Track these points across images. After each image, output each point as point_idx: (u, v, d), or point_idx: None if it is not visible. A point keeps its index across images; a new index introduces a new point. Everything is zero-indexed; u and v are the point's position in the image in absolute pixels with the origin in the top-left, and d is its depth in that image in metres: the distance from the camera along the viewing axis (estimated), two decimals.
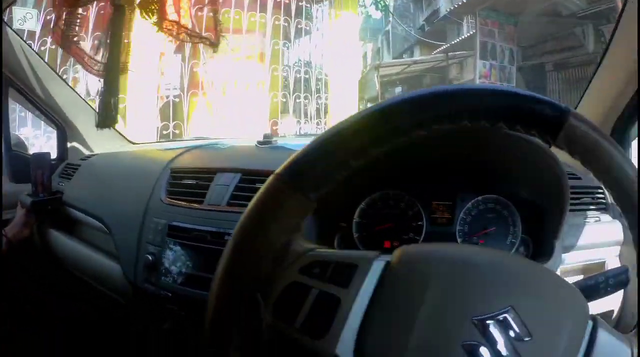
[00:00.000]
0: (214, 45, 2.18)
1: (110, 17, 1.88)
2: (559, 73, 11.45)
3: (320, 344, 0.60)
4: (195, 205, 1.37)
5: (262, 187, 0.64)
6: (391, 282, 0.63)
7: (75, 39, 2.07)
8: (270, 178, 0.64)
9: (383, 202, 1.24)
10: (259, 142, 1.66)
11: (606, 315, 1.25)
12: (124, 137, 2.45)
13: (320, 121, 7.87)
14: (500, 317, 0.58)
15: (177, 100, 6.53)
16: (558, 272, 1.11)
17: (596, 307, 1.19)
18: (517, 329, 0.57)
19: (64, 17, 2.01)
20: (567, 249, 1.22)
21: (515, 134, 0.88)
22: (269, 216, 0.63)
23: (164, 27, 1.96)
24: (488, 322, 0.58)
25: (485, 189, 1.23)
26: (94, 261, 1.66)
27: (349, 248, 1.19)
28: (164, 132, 6.36)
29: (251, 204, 0.64)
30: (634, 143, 1.59)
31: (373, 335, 0.60)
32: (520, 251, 1.21)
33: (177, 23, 1.97)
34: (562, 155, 1.03)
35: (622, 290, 1.09)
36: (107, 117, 1.90)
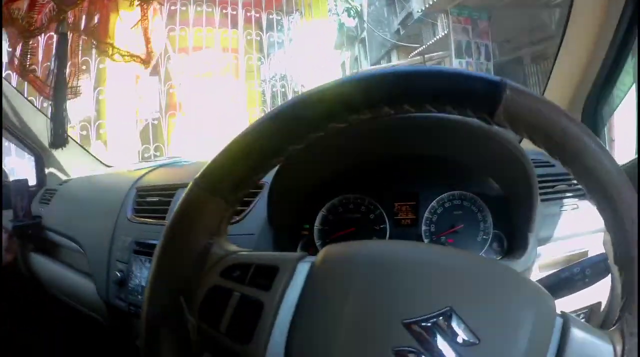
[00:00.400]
0: (145, 62, 2.32)
1: (55, 45, 2.03)
2: (538, 65, 11.56)
3: (249, 349, 0.58)
4: (160, 221, 1.38)
5: (183, 194, 0.64)
6: (315, 284, 0.59)
7: (31, 67, 2.24)
8: (190, 184, 0.64)
9: (344, 207, 1.18)
10: None
11: (594, 308, 1.17)
12: (99, 160, 2.47)
13: None
14: (437, 319, 0.53)
15: (155, 122, 6.59)
16: (536, 267, 1.06)
17: (581, 300, 1.13)
18: (460, 333, 0.53)
19: (19, 48, 2.18)
20: (544, 241, 1.15)
21: (472, 126, 0.90)
22: (188, 220, 0.63)
23: (102, 49, 2.17)
24: (423, 324, 0.53)
25: (450, 186, 1.17)
26: (71, 281, 1.70)
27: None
28: (145, 155, 6.44)
29: (174, 210, 0.64)
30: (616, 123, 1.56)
31: (300, 340, 0.57)
32: (493, 247, 1.14)
33: (112, 45, 2.15)
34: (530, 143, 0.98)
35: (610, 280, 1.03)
36: (57, 137, 2.04)
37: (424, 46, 15.07)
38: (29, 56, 2.20)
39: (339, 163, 1.12)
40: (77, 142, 2.45)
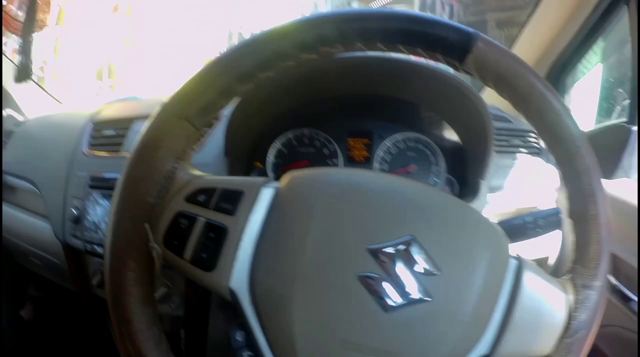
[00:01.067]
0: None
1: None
2: (502, 30, 11.63)
3: (213, 276, 0.58)
4: (115, 154, 1.35)
5: (150, 117, 0.63)
6: (279, 209, 0.60)
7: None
8: (158, 108, 0.63)
9: (298, 141, 1.21)
10: None
11: (541, 262, 1.24)
12: (54, 97, 2.34)
13: None
14: (400, 247, 0.55)
15: (111, 60, 6.47)
16: (485, 214, 1.10)
17: (529, 253, 1.20)
18: (421, 262, 0.55)
19: None
20: (494, 189, 1.20)
21: (436, 71, 0.93)
22: (152, 144, 0.62)
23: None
24: (386, 251, 0.55)
25: (406, 128, 1.21)
26: (28, 224, 1.60)
27: None
28: (98, 93, 6.32)
29: (141, 133, 0.63)
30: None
31: (265, 267, 0.57)
32: (445, 191, 1.17)
33: None
34: (491, 98, 1.00)
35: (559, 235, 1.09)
36: (23, 71, 1.97)
37: (387, 1, 14.98)
38: None
39: (296, 99, 1.13)
40: (34, 82, 2.31)
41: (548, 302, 0.60)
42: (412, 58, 0.65)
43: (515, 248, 0.65)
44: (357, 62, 0.68)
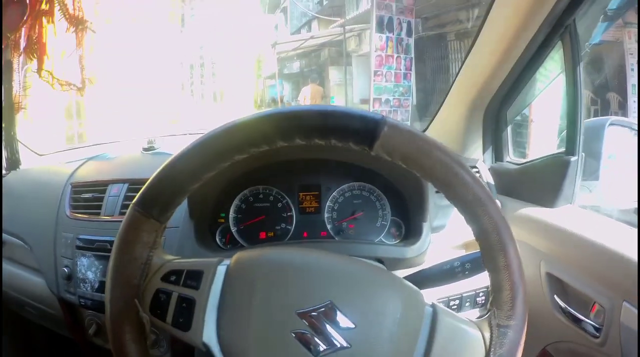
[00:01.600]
0: (80, 90, 2.34)
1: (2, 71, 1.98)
2: (461, 42, 11.73)
3: (190, 335, 0.73)
4: (95, 217, 1.49)
5: (125, 217, 0.77)
6: (230, 284, 0.75)
7: None
8: (129, 208, 0.76)
9: (255, 198, 1.35)
10: (144, 149, 1.78)
11: (464, 296, 1.36)
12: (32, 150, 2.37)
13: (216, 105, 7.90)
14: (321, 309, 0.70)
15: (79, 98, 6.37)
16: (432, 251, 1.23)
17: (455, 288, 1.31)
18: (340, 320, 0.70)
19: None
20: (437, 229, 1.34)
21: None
22: (130, 239, 0.75)
23: (42, 75, 2.07)
24: (312, 314, 0.70)
25: (352, 178, 1.36)
26: (22, 277, 1.71)
27: (230, 242, 1.33)
28: (69, 133, 6.23)
29: (119, 231, 0.76)
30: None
31: (226, 327, 0.73)
32: (391, 232, 1.34)
33: (51, 73, 2.08)
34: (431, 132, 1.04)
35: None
36: (13, 160, 1.91)
37: (344, 19, 15.06)
38: None
39: (248, 165, 1.26)
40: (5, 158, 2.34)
41: (465, 341, 0.71)
42: None
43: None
44: None
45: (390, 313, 0.71)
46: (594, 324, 1.11)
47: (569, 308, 1.19)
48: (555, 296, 1.24)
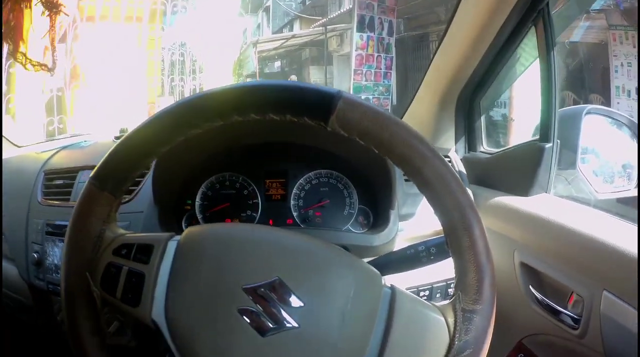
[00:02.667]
0: (50, 70, 2.58)
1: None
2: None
3: (138, 310, 0.72)
4: (65, 203, 1.50)
5: (82, 190, 0.77)
6: (180, 258, 0.73)
7: None
8: (86, 182, 0.76)
9: (221, 184, 1.34)
10: (115, 137, 1.77)
11: (435, 286, 1.34)
12: (11, 142, 2.40)
13: None
14: (269, 286, 0.68)
15: (60, 93, 6.35)
16: (400, 240, 1.22)
17: (426, 277, 1.30)
18: (286, 297, 0.67)
19: None
20: (406, 217, 1.31)
21: None
22: (85, 212, 0.76)
23: (17, 57, 2.36)
24: (260, 290, 0.67)
25: (319, 165, 1.34)
26: None
27: None
28: (50, 128, 6.22)
29: (76, 203, 0.77)
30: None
31: (174, 303, 0.71)
32: (359, 220, 1.32)
33: (24, 54, 2.32)
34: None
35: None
36: None
37: (327, 18, 15.10)
38: None
39: (213, 148, 1.26)
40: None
41: (426, 325, 0.67)
42: None
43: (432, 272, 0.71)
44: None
45: (342, 292, 0.68)
46: (572, 314, 1.08)
47: (545, 299, 1.16)
48: (530, 287, 1.20)
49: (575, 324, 1.07)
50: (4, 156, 2.12)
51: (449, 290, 1.32)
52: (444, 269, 0.91)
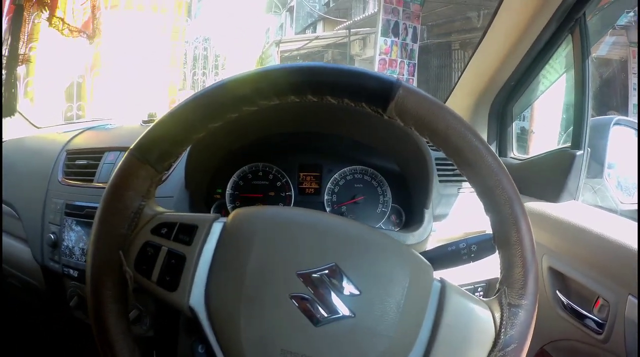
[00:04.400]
0: (90, 38, 2.52)
1: (11, 16, 2.03)
2: (465, 51, 11.78)
3: (175, 296, 0.68)
4: (88, 183, 1.45)
5: (120, 161, 0.73)
6: (226, 241, 0.70)
7: None
8: (126, 153, 0.73)
9: (254, 174, 1.32)
10: (144, 121, 1.73)
11: (491, 282, 1.33)
12: (30, 122, 2.37)
13: None
14: (325, 272, 0.65)
15: (80, 80, 6.37)
16: (434, 240, 1.18)
17: (481, 274, 1.29)
18: (345, 285, 0.65)
19: None
20: (440, 218, 1.30)
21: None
22: (123, 184, 0.72)
23: (53, 22, 2.16)
24: (314, 276, 0.65)
25: (353, 161, 1.32)
26: (6, 246, 1.70)
27: None
28: (68, 114, 6.23)
29: (111, 175, 0.73)
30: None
31: (216, 288, 0.68)
32: (392, 219, 1.30)
33: (62, 19, 2.17)
34: None
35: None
36: (9, 106, 2.03)
37: (351, 21, 15.08)
38: None
39: (250, 136, 1.24)
40: (20, 113, 2.34)
41: (474, 320, 0.66)
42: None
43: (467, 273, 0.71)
44: (299, 104, 0.72)
45: (398, 282, 0.66)
46: (597, 319, 1.09)
47: (571, 304, 1.17)
48: (557, 292, 1.22)
49: (599, 329, 1.08)
50: (21, 135, 2.13)
51: (476, 294, 1.32)
52: (471, 272, 0.92)
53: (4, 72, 2.03)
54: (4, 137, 2.15)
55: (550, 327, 1.24)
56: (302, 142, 1.31)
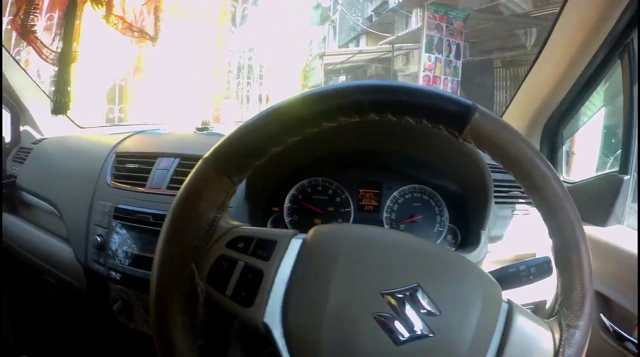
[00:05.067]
0: (153, 39, 2.39)
1: (65, 10, 1.99)
2: (507, 70, 11.67)
3: (250, 312, 0.67)
4: (138, 188, 1.43)
5: (192, 170, 0.72)
6: (306, 258, 0.69)
7: (33, 28, 2.13)
8: (199, 162, 0.72)
9: (313, 189, 1.30)
10: (197, 129, 1.74)
11: (540, 304, 1.32)
12: (73, 121, 2.40)
13: (261, 108, 7.94)
14: (407, 292, 0.65)
15: (122, 83, 6.45)
16: (487, 261, 1.18)
17: (530, 296, 1.28)
18: (425, 305, 0.65)
19: (24, 7, 2.07)
20: (494, 239, 1.29)
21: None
22: (197, 195, 0.71)
23: (110, 20, 2.10)
24: (397, 296, 0.65)
25: (412, 179, 1.29)
26: (46, 243, 1.69)
27: None
28: (110, 116, 6.29)
29: (183, 184, 0.72)
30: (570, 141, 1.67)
31: (295, 305, 0.66)
32: (448, 239, 1.27)
33: (122, 18, 2.11)
34: None
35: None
36: (61, 104, 2.01)
37: (394, 36, 15.10)
38: (33, 16, 2.11)
39: (313, 151, 1.24)
40: (68, 117, 2.37)
41: (536, 340, 0.68)
42: None
43: (516, 294, 0.74)
44: (367, 121, 0.72)
45: (474, 303, 0.67)
46: (636, 341, 1.11)
47: (613, 326, 1.19)
48: (601, 314, 1.23)
49: (636, 350, 1.10)
50: (64, 134, 2.16)
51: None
52: (521, 295, 0.94)
53: (55, 69, 2.05)
54: (46, 134, 2.22)
55: (590, 350, 1.25)
56: (362, 157, 1.31)
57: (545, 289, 1.27)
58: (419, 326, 0.64)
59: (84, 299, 1.61)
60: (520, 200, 1.35)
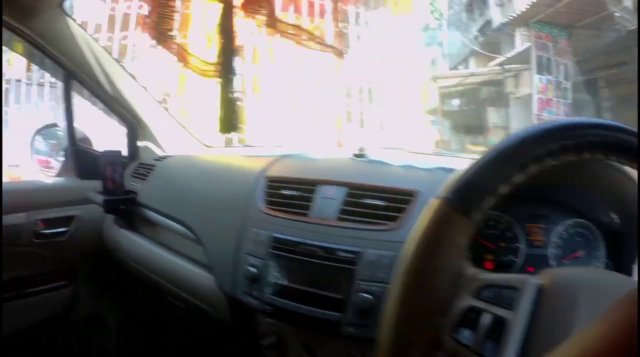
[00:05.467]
0: (340, 55, 2.25)
1: (220, 15, 1.88)
2: (611, 89, 11.38)
3: None
4: (299, 217, 1.32)
5: (429, 212, 0.68)
6: (545, 303, 0.64)
7: (169, 32, 2.10)
8: (437, 202, 0.68)
9: (484, 223, 1.24)
10: (355, 155, 1.58)
11: None
12: (198, 140, 2.36)
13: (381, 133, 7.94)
14: None
15: (240, 103, 6.66)
16: None
17: None
18: None
19: (157, 9, 2.03)
20: None
21: (604, 163, 0.99)
22: (442, 239, 0.66)
23: (277, 28, 1.86)
24: None
25: (574, 213, 1.25)
26: (178, 266, 1.64)
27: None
28: (227, 135, 6.50)
29: (419, 229, 0.68)
30: None
31: (537, 352, 0.61)
32: None
33: (298, 27, 1.85)
34: None
35: None
36: (230, 121, 1.96)
37: (502, 56, 14.96)
38: (170, 20, 2.07)
39: None
40: (175, 118, 2.36)
41: None
42: None
43: None
44: None
45: None
46: None
47: None
48: None
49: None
50: (189, 153, 2.11)
51: None
52: None
53: (217, 84, 1.96)
54: (168, 151, 2.20)
55: None
56: (528, 190, 1.20)
57: None
58: None
59: (218, 326, 1.57)
60: None
